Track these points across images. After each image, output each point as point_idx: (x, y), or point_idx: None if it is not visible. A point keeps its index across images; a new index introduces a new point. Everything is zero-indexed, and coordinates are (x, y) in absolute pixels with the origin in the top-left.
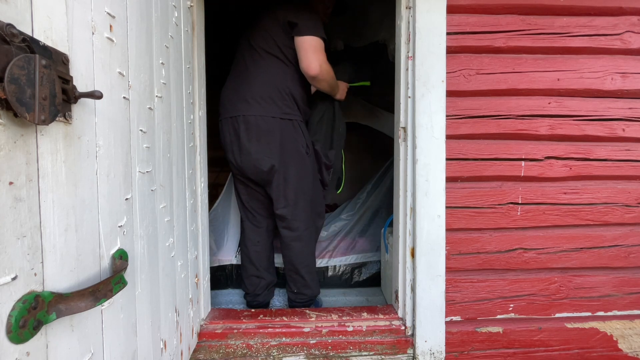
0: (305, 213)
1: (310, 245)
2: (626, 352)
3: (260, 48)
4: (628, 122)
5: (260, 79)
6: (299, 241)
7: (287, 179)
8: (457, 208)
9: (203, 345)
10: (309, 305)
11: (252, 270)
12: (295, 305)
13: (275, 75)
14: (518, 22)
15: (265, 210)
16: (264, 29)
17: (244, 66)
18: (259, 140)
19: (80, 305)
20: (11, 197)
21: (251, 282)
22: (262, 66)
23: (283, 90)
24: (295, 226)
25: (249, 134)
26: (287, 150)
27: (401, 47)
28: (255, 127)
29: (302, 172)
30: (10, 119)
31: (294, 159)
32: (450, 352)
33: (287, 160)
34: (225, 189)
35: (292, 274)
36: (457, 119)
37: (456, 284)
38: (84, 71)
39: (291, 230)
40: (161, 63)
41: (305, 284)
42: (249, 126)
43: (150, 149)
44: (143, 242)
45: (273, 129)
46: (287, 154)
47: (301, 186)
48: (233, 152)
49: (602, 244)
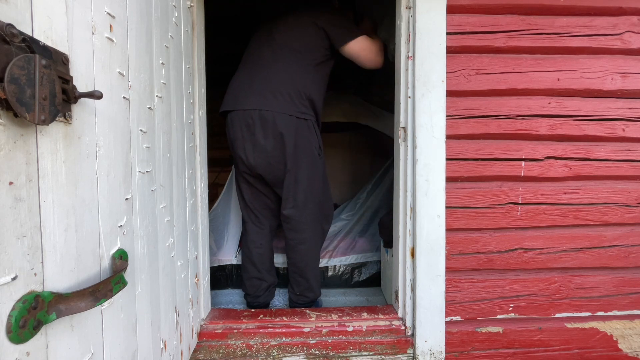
0: (313, 215)
1: (316, 248)
2: (626, 352)
3: (285, 45)
4: (628, 122)
5: (281, 75)
6: (304, 244)
7: (297, 179)
8: (457, 208)
9: (203, 345)
10: (310, 306)
11: (254, 272)
12: (296, 306)
13: (296, 74)
14: (518, 22)
15: (269, 211)
16: (293, 27)
17: (262, 58)
18: (275, 137)
19: (80, 305)
20: (11, 197)
21: (252, 284)
22: (284, 63)
23: (302, 90)
24: (302, 228)
25: (265, 131)
26: (301, 150)
27: (401, 47)
28: (272, 124)
29: (314, 173)
30: (10, 119)
31: (306, 160)
32: (450, 352)
33: (300, 161)
34: (225, 189)
35: (297, 276)
36: (457, 119)
37: (456, 284)
38: (84, 71)
39: (297, 232)
40: (161, 63)
41: (309, 287)
42: (266, 123)
43: (150, 149)
44: (143, 242)
45: (289, 127)
46: (300, 154)
47: (311, 188)
48: (245, 148)
49: (602, 244)
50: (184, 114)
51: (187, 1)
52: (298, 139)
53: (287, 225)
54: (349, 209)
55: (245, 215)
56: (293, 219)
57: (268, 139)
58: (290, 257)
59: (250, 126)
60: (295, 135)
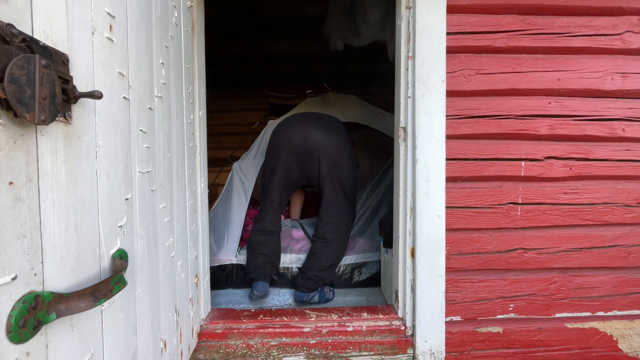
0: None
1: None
2: (626, 352)
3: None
4: (628, 122)
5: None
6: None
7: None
8: (457, 208)
9: (203, 345)
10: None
11: (264, 257)
12: (300, 284)
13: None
14: (518, 22)
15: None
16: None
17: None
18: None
19: (80, 305)
20: (11, 197)
21: (258, 264)
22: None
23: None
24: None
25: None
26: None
27: (401, 47)
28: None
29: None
30: (10, 119)
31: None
32: (450, 352)
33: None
34: (225, 189)
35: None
36: (457, 119)
37: (456, 284)
38: (84, 71)
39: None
40: (161, 63)
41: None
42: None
43: (150, 149)
44: (143, 242)
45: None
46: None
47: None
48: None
49: (602, 244)
50: (184, 114)
51: (187, 1)
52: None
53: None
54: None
55: (270, 204)
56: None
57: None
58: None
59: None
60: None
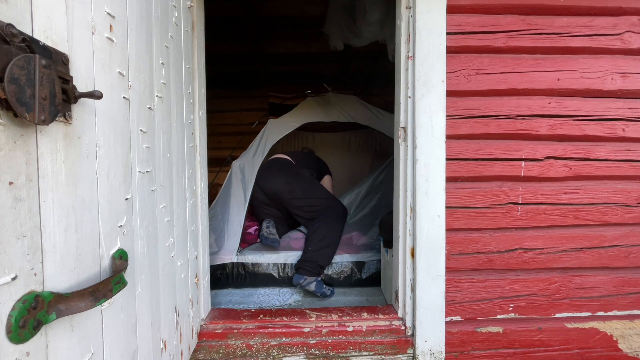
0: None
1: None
2: (626, 352)
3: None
4: (628, 122)
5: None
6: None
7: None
8: (457, 208)
9: (203, 345)
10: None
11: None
12: (298, 266)
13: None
14: (518, 22)
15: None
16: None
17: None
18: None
19: (80, 305)
20: (11, 197)
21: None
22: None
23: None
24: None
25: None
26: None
27: (401, 47)
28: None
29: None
30: (10, 119)
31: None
32: (450, 352)
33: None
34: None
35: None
36: (457, 119)
37: (456, 284)
38: (84, 71)
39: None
40: (161, 63)
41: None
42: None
43: (150, 149)
44: (143, 242)
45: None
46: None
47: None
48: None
49: (602, 244)
50: (184, 114)
51: (187, 1)
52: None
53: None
54: (348, 209)
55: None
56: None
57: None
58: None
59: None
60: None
